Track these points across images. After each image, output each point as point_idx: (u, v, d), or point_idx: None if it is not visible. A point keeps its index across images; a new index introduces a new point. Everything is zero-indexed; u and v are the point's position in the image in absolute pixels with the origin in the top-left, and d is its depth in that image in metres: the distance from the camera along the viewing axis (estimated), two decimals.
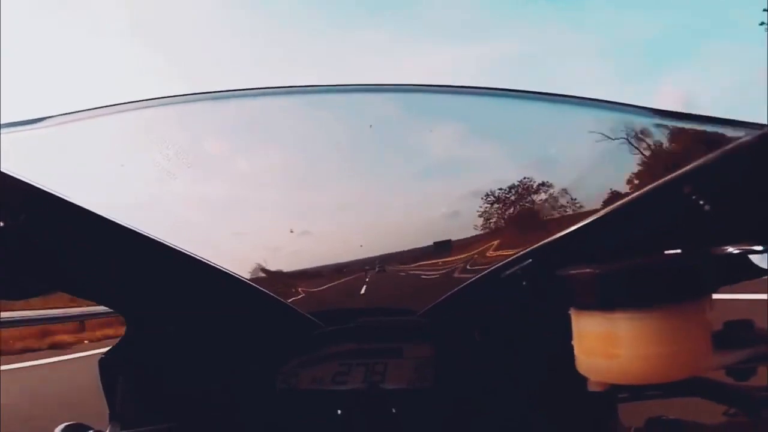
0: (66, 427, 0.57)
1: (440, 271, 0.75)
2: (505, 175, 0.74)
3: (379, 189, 0.77)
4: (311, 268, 0.77)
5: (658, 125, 0.61)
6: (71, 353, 5.43)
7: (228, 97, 0.64)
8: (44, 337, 6.09)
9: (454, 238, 0.76)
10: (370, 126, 0.70)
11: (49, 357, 5.16)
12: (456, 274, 0.71)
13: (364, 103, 0.70)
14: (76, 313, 6.87)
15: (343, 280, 0.77)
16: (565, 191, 0.68)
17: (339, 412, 0.63)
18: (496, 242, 0.70)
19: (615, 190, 0.59)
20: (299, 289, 0.75)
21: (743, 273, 0.50)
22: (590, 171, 0.68)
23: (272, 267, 0.73)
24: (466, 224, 0.74)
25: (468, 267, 0.71)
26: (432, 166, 0.78)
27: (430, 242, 0.75)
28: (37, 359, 4.93)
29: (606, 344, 0.33)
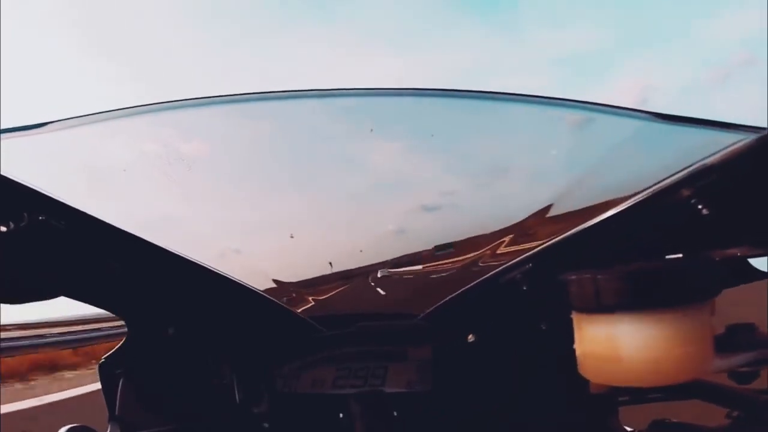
0: (70, 429, 0.57)
1: (440, 275, 0.74)
2: (506, 176, 0.74)
3: (378, 191, 0.77)
4: (312, 272, 0.77)
5: (657, 128, 0.61)
6: None
7: (228, 102, 0.64)
8: None
9: (454, 241, 0.76)
10: (371, 130, 0.70)
11: None
12: (456, 278, 0.71)
13: (366, 106, 0.71)
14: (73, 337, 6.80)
15: (343, 284, 0.76)
16: (565, 194, 0.68)
17: (340, 415, 0.63)
18: (495, 247, 0.70)
19: (613, 195, 0.59)
20: (300, 294, 0.75)
21: (744, 276, 0.50)
22: (589, 175, 0.68)
23: (273, 271, 0.72)
24: (465, 228, 0.74)
25: (468, 271, 0.70)
26: (430, 167, 0.78)
27: (431, 245, 0.75)
28: None
29: (608, 347, 0.33)
